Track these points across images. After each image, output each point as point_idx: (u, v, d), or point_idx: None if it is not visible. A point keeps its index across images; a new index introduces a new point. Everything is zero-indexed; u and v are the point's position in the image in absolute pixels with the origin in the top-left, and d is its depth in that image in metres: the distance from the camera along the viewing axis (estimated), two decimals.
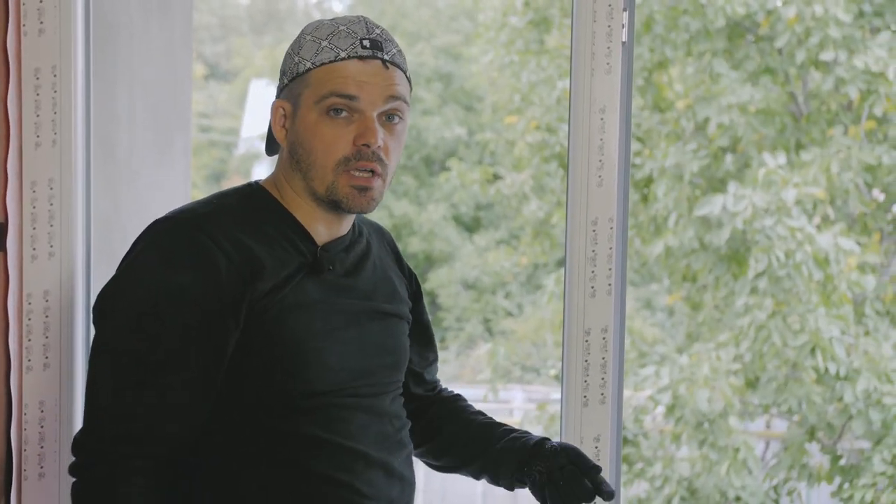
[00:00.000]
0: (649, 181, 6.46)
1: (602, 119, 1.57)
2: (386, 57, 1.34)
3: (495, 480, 1.47)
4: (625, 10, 1.57)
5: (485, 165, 9.07)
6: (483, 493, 8.33)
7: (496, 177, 9.02)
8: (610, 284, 1.58)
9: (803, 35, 5.72)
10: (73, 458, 1.31)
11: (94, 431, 1.29)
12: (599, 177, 1.57)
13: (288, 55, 1.38)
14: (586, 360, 1.58)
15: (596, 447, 1.59)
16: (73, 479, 1.31)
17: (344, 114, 1.32)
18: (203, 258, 1.29)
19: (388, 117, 1.34)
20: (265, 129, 1.43)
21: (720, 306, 6.21)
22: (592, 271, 1.58)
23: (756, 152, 6.01)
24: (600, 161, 1.57)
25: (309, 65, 1.34)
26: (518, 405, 8.70)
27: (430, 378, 1.57)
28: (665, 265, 6.31)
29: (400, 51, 1.38)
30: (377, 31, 1.36)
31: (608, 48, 1.56)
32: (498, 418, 1.52)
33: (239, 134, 14.96)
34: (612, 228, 1.57)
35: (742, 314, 5.64)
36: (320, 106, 1.32)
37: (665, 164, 6.16)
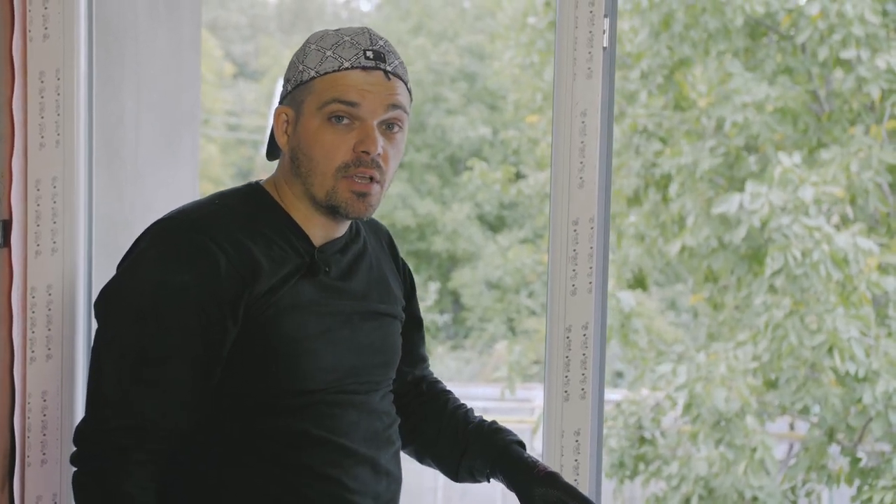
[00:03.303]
0: (668, 180, 6.45)
1: (583, 122, 1.61)
2: (388, 68, 1.37)
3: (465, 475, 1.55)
4: (606, 16, 1.62)
5: (507, 164, 9.08)
6: (503, 489, 8.35)
7: (518, 176, 9.02)
8: (591, 283, 1.62)
9: (826, 32, 5.68)
10: (76, 448, 1.34)
11: (97, 423, 1.32)
12: (581, 178, 1.61)
13: (293, 63, 1.41)
14: (567, 357, 1.62)
15: (576, 441, 1.63)
16: (75, 470, 1.34)
17: (345, 121, 1.35)
18: (203, 258, 1.32)
19: (388, 126, 1.37)
20: None
21: (740, 306, 6.18)
22: (573, 270, 1.62)
23: (775, 151, 5.98)
24: (581, 163, 1.61)
25: (313, 73, 1.37)
26: (538, 404, 8.73)
27: (420, 373, 1.60)
28: (687, 265, 6.28)
29: (402, 63, 1.41)
30: (380, 42, 1.39)
31: (589, 53, 1.60)
32: (518, 416, 1.55)
33: (266, 132, 15.05)
34: (592, 228, 1.61)
35: (760, 313, 5.62)
36: (322, 112, 1.35)
37: (681, 161, 6.14)
